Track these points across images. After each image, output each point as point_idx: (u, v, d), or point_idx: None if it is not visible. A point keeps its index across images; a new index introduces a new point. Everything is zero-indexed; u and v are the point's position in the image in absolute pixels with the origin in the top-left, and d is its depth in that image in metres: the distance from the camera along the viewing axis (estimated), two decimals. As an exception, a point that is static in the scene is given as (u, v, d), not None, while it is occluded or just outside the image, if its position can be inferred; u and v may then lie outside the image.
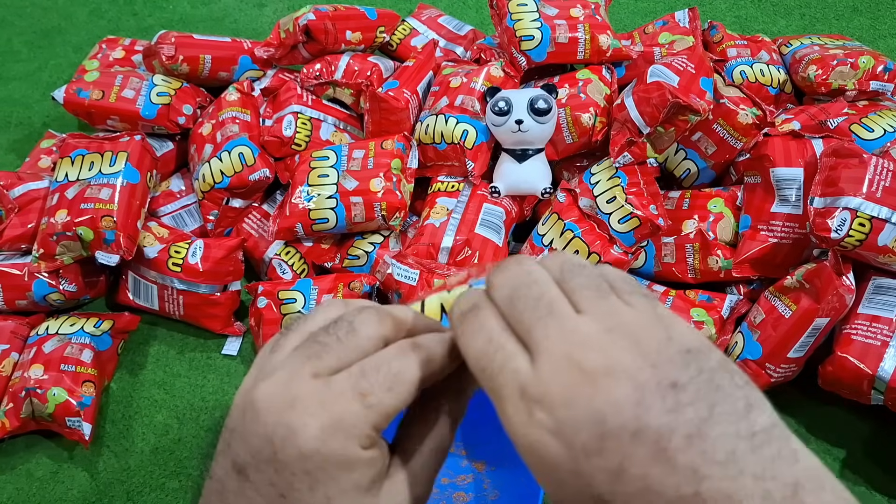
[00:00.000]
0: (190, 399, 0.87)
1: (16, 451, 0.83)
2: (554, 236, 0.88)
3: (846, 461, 0.80)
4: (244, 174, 0.94)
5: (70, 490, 0.80)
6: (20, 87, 1.25)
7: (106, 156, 0.90)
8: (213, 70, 1.07)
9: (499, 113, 0.89)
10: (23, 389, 0.79)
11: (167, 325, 0.94)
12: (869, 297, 0.78)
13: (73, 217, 0.85)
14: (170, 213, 0.98)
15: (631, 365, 0.21)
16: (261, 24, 1.34)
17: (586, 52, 0.97)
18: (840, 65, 0.93)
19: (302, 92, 1.03)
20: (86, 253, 0.87)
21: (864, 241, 0.74)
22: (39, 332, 0.86)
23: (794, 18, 1.30)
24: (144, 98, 1.00)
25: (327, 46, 1.04)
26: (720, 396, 0.21)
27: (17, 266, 0.88)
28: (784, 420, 0.74)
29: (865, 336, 0.75)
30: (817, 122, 0.90)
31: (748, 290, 0.87)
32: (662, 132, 0.89)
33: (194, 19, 1.36)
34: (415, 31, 1.16)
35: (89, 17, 1.37)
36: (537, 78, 1.03)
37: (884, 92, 0.94)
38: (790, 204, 0.83)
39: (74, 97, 1.00)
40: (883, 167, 0.75)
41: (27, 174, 0.96)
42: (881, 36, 1.26)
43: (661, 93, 0.85)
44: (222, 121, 0.97)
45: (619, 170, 0.90)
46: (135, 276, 0.91)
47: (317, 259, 0.94)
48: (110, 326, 0.88)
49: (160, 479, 0.81)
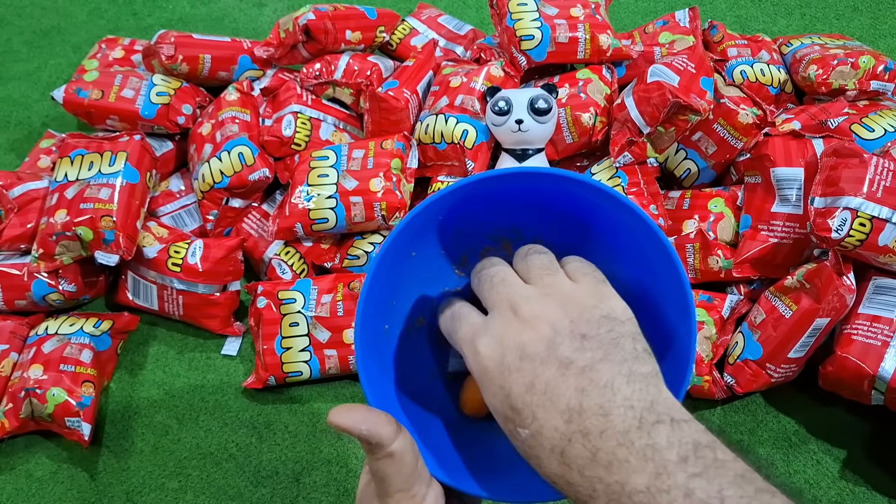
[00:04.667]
0: (189, 399, 0.87)
1: (15, 451, 0.83)
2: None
3: (846, 461, 0.79)
4: (244, 174, 0.93)
5: (69, 490, 0.80)
6: (19, 86, 1.25)
7: (105, 156, 0.90)
8: (213, 70, 1.07)
9: (499, 113, 0.89)
10: (22, 389, 0.79)
11: (167, 326, 0.94)
12: (869, 297, 0.78)
13: (73, 217, 0.85)
14: (169, 212, 0.98)
15: (553, 316, 0.28)
16: (260, 24, 1.34)
17: (586, 52, 0.97)
18: (840, 64, 0.93)
19: (301, 92, 1.03)
20: (85, 253, 0.87)
21: (864, 241, 0.74)
22: (39, 332, 0.86)
23: (794, 18, 1.30)
24: (144, 98, 1.00)
25: (327, 46, 1.04)
26: (616, 350, 0.27)
27: (17, 266, 0.88)
28: (784, 420, 0.73)
29: (866, 336, 0.75)
30: (818, 122, 0.90)
31: (749, 290, 0.87)
32: (663, 132, 0.88)
33: (194, 19, 1.36)
34: (415, 31, 1.15)
35: (89, 16, 1.37)
36: (537, 77, 1.03)
37: (884, 92, 0.94)
38: (791, 204, 0.83)
39: (74, 97, 1.00)
40: (883, 167, 0.75)
41: (26, 174, 0.96)
42: (882, 35, 1.26)
43: (661, 92, 0.84)
44: (222, 120, 0.97)
45: (619, 169, 0.90)
46: (134, 276, 0.91)
47: (316, 259, 0.94)
48: (110, 326, 0.88)
49: (159, 479, 0.81)
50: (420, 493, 0.30)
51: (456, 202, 0.34)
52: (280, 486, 0.80)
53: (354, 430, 0.28)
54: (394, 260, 0.34)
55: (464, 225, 0.36)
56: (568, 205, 0.35)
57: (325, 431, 0.84)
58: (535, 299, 0.29)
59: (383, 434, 0.28)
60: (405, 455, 0.29)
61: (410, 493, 0.29)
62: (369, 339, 0.33)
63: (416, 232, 0.34)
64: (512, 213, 0.36)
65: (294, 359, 0.83)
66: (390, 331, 0.36)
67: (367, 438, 0.28)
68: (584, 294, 0.29)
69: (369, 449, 0.29)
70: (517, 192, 0.34)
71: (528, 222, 0.37)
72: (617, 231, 0.34)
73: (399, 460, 0.29)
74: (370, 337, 0.34)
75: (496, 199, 0.35)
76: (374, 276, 0.33)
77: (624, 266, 0.34)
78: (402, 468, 0.29)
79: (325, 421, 0.85)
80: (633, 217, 0.32)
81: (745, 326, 0.83)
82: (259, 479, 0.80)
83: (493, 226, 0.37)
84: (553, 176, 0.33)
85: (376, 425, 0.28)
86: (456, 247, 0.38)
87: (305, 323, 0.84)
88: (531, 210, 0.36)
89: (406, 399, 0.36)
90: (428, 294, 0.38)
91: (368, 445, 0.29)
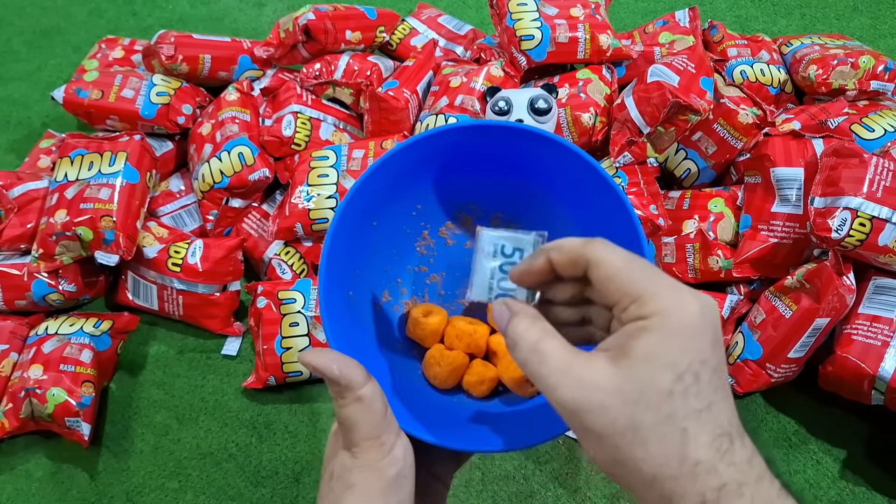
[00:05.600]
0: (189, 399, 0.87)
1: (15, 451, 0.83)
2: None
3: (846, 461, 0.79)
4: (244, 174, 0.93)
5: (69, 490, 0.80)
6: (20, 87, 1.25)
7: (105, 156, 0.90)
8: (213, 70, 1.07)
9: (499, 113, 0.89)
10: (22, 390, 0.79)
11: (167, 326, 0.94)
12: (869, 298, 0.78)
13: (73, 217, 0.85)
14: (169, 213, 0.98)
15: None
16: (260, 24, 1.34)
17: (586, 52, 0.97)
18: (840, 64, 0.93)
19: (301, 92, 1.02)
20: (85, 253, 0.87)
21: (864, 241, 0.74)
22: (39, 332, 0.86)
23: (794, 18, 1.30)
24: (144, 98, 1.00)
25: (327, 46, 1.04)
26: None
27: (17, 266, 0.88)
28: (784, 420, 0.73)
29: (866, 336, 0.75)
30: (818, 122, 0.90)
31: (748, 290, 0.87)
32: (663, 132, 0.88)
33: (194, 19, 1.36)
34: (414, 31, 1.15)
35: (89, 16, 1.37)
36: (537, 77, 1.03)
37: (884, 92, 0.94)
38: (790, 204, 0.83)
39: (74, 97, 1.00)
40: (883, 167, 0.75)
41: (26, 174, 0.96)
42: (881, 36, 1.26)
43: (661, 92, 0.84)
44: (222, 120, 0.97)
45: (619, 169, 0.90)
46: (134, 277, 0.91)
47: (316, 259, 0.94)
48: (110, 327, 0.88)
49: (159, 479, 0.81)
50: (389, 441, 0.29)
51: (407, 167, 0.35)
52: (280, 486, 0.80)
53: (326, 369, 0.28)
54: (355, 224, 0.35)
55: (423, 201, 0.38)
56: (519, 175, 0.37)
57: (325, 431, 0.84)
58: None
59: (353, 376, 0.28)
60: (374, 401, 0.29)
61: (379, 440, 0.29)
62: (335, 298, 0.34)
63: (372, 198, 0.35)
64: (469, 190, 0.38)
65: (294, 359, 0.83)
66: (356, 298, 0.37)
67: (338, 379, 0.28)
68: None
69: (339, 392, 0.28)
70: (469, 164, 0.36)
71: (485, 198, 0.39)
72: (568, 188, 0.35)
73: (369, 405, 0.28)
74: (336, 296, 0.34)
75: (452, 179, 0.37)
76: (335, 233, 0.33)
77: (579, 221, 0.36)
78: (371, 414, 0.28)
79: (325, 421, 0.85)
80: (576, 160, 0.33)
81: (744, 326, 0.83)
82: (259, 479, 0.80)
83: (451, 202, 0.39)
84: (491, 127, 0.34)
85: (348, 366, 0.28)
86: (416, 223, 0.39)
87: (305, 323, 0.84)
88: (486, 186, 0.38)
89: (372, 360, 0.36)
90: (392, 269, 0.39)
91: (338, 388, 0.28)
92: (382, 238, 0.38)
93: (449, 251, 0.40)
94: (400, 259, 0.40)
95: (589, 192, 0.34)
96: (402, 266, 0.40)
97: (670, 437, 0.23)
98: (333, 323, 0.33)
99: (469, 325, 0.38)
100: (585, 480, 0.79)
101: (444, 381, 0.38)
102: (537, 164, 0.36)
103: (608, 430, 0.23)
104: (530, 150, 0.35)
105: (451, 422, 0.36)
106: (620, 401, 0.23)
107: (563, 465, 0.80)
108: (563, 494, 0.78)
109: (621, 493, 0.77)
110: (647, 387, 0.23)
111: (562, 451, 0.81)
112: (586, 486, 0.79)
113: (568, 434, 0.77)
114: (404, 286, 0.40)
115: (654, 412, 0.23)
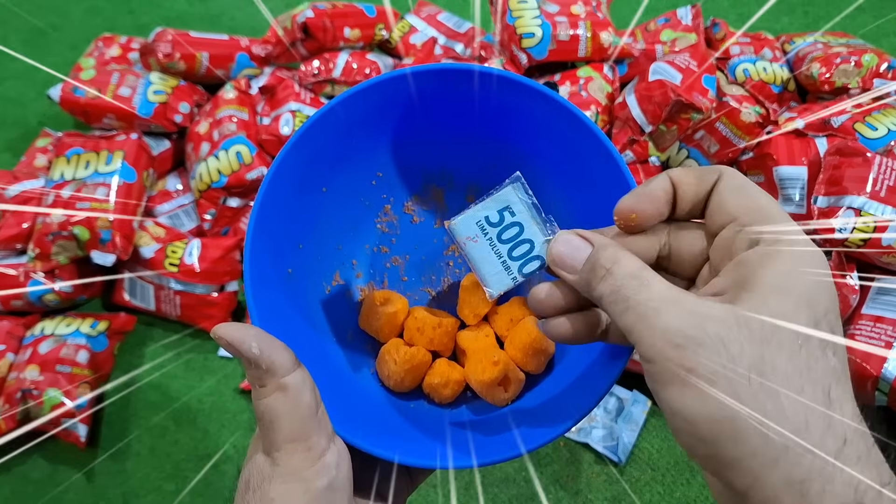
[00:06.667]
0: (187, 401, 0.87)
1: (11, 452, 0.83)
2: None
3: (850, 463, 0.79)
4: (241, 173, 0.93)
5: (66, 493, 0.79)
6: (15, 85, 1.24)
7: (102, 154, 0.89)
8: (211, 68, 1.07)
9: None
10: (18, 391, 0.78)
11: (164, 326, 0.93)
12: (873, 298, 0.77)
13: (69, 216, 0.84)
14: (166, 212, 0.97)
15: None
16: (258, 22, 1.33)
17: (588, 50, 0.96)
18: (844, 63, 0.93)
19: (300, 90, 1.02)
20: (81, 252, 0.86)
21: (868, 241, 0.73)
22: (35, 332, 0.85)
23: (797, 16, 1.29)
24: (141, 96, 0.99)
25: (326, 44, 1.04)
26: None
27: (13, 266, 0.87)
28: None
29: (869, 337, 0.74)
30: (821, 121, 0.89)
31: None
32: (665, 130, 0.88)
33: (191, 17, 1.35)
34: (414, 28, 1.15)
35: (85, 14, 1.36)
36: (538, 75, 1.02)
37: (888, 90, 0.93)
38: (794, 203, 0.83)
39: (70, 95, 0.99)
40: (887, 166, 0.75)
41: (23, 173, 0.96)
42: (885, 34, 1.25)
43: (663, 91, 0.84)
44: (219, 119, 0.96)
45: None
46: (131, 277, 0.91)
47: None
48: (106, 327, 0.87)
49: (156, 481, 0.80)
50: (318, 445, 0.23)
51: (359, 120, 0.29)
52: (278, 488, 0.79)
53: (242, 346, 0.23)
54: (297, 183, 0.29)
55: (384, 168, 0.32)
56: (496, 134, 0.31)
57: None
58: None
59: (277, 358, 0.23)
60: (302, 392, 0.23)
61: (307, 443, 0.23)
62: (266, 271, 0.28)
63: (319, 155, 0.29)
64: (437, 155, 0.32)
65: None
66: (296, 276, 0.31)
67: (257, 360, 0.23)
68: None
69: (258, 378, 0.23)
70: (437, 122, 0.30)
71: (457, 164, 0.32)
72: (554, 148, 0.30)
73: (294, 397, 0.23)
74: (268, 270, 0.28)
75: (417, 141, 0.31)
76: (268, 190, 0.27)
77: (568, 186, 0.31)
78: (297, 409, 0.23)
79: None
80: (564, 114, 0.28)
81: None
82: (257, 482, 0.80)
83: (418, 170, 0.33)
84: (459, 72, 0.28)
85: (271, 346, 0.23)
86: (377, 194, 0.33)
87: (304, 323, 0.83)
88: (457, 149, 0.31)
89: (309, 350, 0.30)
90: (346, 248, 0.34)
91: (257, 373, 0.23)
92: (334, 208, 0.32)
93: (415, 230, 0.34)
94: (356, 236, 0.34)
95: (580, 153, 0.29)
96: (359, 245, 0.34)
97: (811, 394, 0.17)
98: (259, 297, 0.27)
99: (434, 316, 0.32)
100: (587, 483, 0.78)
101: (400, 381, 0.32)
102: (518, 120, 0.30)
103: (725, 372, 0.17)
104: (510, 103, 0.30)
105: (404, 431, 0.30)
106: (745, 336, 0.18)
107: (564, 467, 0.80)
108: (565, 497, 0.78)
109: (623, 496, 0.77)
110: (780, 325, 0.18)
111: (563, 454, 0.81)
112: (587, 489, 0.78)
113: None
114: (360, 269, 0.34)
115: (790, 357, 0.17)
